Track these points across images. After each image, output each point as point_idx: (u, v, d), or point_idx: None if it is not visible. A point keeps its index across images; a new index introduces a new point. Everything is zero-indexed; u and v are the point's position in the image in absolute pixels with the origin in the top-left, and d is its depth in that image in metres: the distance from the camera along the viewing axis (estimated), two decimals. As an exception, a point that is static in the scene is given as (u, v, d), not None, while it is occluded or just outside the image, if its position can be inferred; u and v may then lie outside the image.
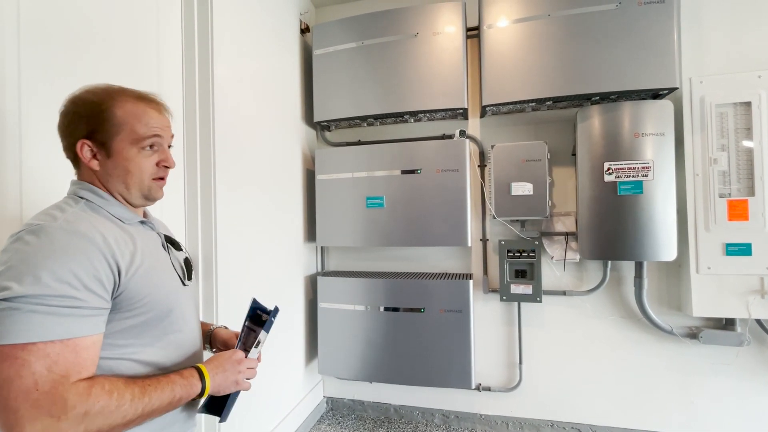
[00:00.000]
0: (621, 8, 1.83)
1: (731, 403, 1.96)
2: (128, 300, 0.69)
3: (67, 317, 0.60)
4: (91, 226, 0.66)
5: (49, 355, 0.58)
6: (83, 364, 0.61)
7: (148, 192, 0.79)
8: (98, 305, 0.64)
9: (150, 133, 0.75)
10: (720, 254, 1.80)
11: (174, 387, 0.70)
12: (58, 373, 0.58)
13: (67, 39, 1.12)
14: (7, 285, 0.57)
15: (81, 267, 0.62)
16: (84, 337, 0.62)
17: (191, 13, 1.56)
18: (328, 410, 2.53)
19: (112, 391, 0.62)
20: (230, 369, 0.81)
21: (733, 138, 1.80)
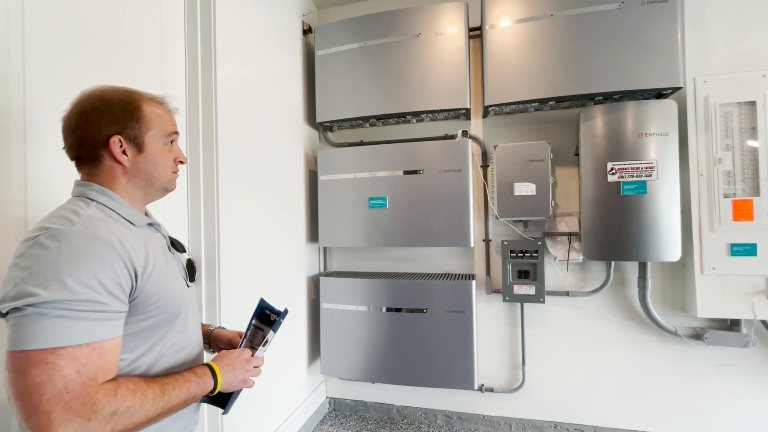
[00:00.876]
0: (624, 8, 1.82)
1: (736, 405, 1.94)
2: (143, 303, 0.70)
3: (93, 321, 0.61)
4: (108, 230, 0.67)
5: (78, 358, 0.59)
6: (108, 366, 0.63)
7: (168, 184, 0.84)
8: (119, 308, 0.66)
9: (172, 130, 0.83)
10: (725, 255, 1.79)
11: (190, 385, 0.73)
12: (87, 376, 0.60)
13: (71, 41, 1.13)
14: (34, 291, 0.58)
15: (103, 272, 0.63)
16: (108, 340, 0.64)
17: (194, 14, 1.57)
18: (330, 411, 2.53)
19: (135, 391, 0.64)
20: (239, 368, 0.84)
21: (738, 138, 1.79)
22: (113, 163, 0.75)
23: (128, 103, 0.76)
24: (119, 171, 0.76)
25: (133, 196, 0.79)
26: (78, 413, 0.57)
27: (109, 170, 0.76)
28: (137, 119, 0.76)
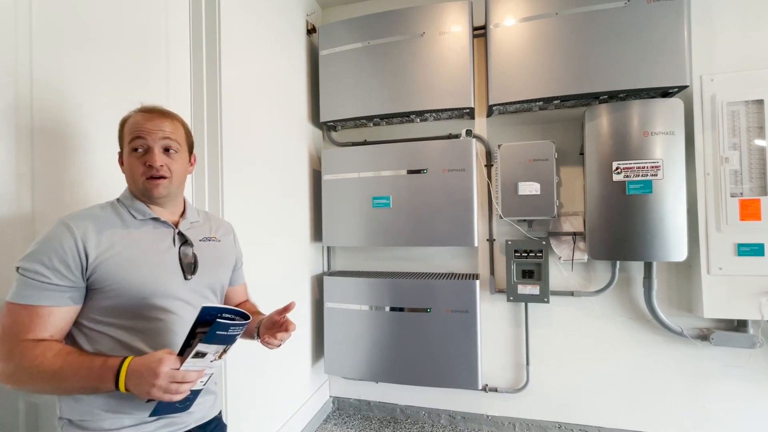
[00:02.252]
0: (630, 6, 1.81)
1: (743, 407, 1.92)
2: (100, 282, 0.79)
3: (34, 288, 0.75)
4: (82, 220, 0.81)
5: (14, 314, 0.75)
6: (34, 328, 0.75)
7: (144, 190, 0.87)
8: (59, 283, 0.76)
9: (132, 135, 0.85)
10: (731, 255, 1.77)
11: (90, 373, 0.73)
12: (14, 331, 0.74)
13: (77, 41, 1.13)
14: (21, 257, 0.77)
15: (53, 251, 0.76)
16: (42, 306, 0.75)
17: (199, 15, 1.57)
18: (334, 410, 2.53)
19: (40, 356, 0.73)
20: (147, 376, 0.69)
21: (745, 136, 1.77)
22: None
23: (120, 124, 0.89)
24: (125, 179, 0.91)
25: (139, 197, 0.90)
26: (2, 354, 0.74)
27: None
28: (120, 136, 0.89)
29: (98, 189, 1.18)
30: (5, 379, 0.74)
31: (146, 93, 1.35)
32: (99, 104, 1.19)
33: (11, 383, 0.74)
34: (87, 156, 1.15)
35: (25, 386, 0.76)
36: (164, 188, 0.87)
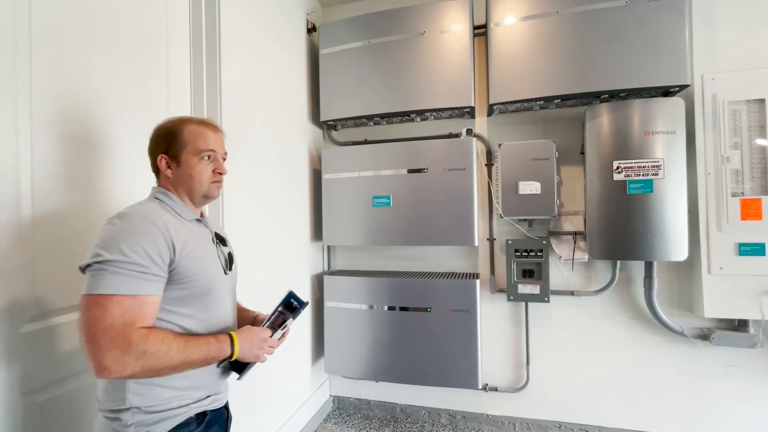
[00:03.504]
0: (631, 5, 1.80)
1: (743, 406, 1.92)
2: (179, 274, 0.88)
3: (137, 279, 0.80)
4: (158, 216, 0.88)
5: (122, 305, 0.78)
6: (145, 315, 0.81)
7: (207, 191, 1.00)
8: (158, 273, 0.83)
9: (207, 148, 0.97)
10: (732, 254, 1.77)
11: (209, 347, 0.88)
12: (128, 319, 0.78)
13: (78, 41, 1.13)
14: (100, 252, 0.79)
15: (147, 243, 0.82)
16: (147, 296, 0.82)
17: (199, 14, 1.57)
18: (334, 409, 2.53)
19: (164, 340, 0.81)
20: (255, 343, 0.97)
21: (746, 136, 1.77)
22: (164, 175, 0.98)
23: (171, 128, 0.96)
24: (168, 181, 0.98)
25: (184, 199, 0.99)
26: (118, 345, 0.76)
27: (164, 180, 0.98)
28: (175, 139, 0.95)
29: (101, 187, 1.18)
30: (122, 367, 0.76)
31: (146, 93, 1.35)
32: (99, 105, 1.19)
33: (131, 369, 0.77)
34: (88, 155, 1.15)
35: (150, 370, 0.79)
36: (220, 190, 1.04)
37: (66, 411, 1.08)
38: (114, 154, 1.24)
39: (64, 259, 1.08)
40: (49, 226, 1.05)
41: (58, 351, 1.07)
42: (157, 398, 0.85)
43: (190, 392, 0.91)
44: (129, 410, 0.83)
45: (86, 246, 1.13)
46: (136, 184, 1.30)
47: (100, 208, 1.19)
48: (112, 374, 0.76)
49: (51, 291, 1.05)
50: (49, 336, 1.05)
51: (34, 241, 1.01)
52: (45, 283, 1.04)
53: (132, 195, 1.29)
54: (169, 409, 0.87)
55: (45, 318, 1.04)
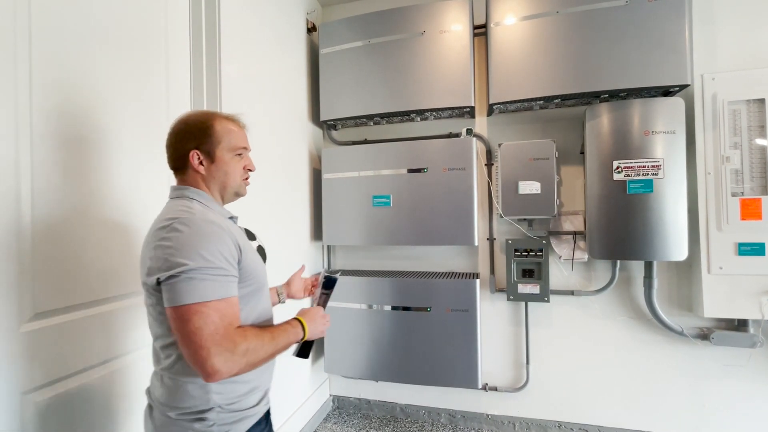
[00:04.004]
0: (631, 4, 1.80)
1: (743, 406, 1.92)
2: (244, 273, 0.89)
3: (223, 283, 0.81)
4: (215, 217, 0.87)
5: (219, 309, 0.79)
6: (237, 315, 0.83)
7: (239, 189, 1.00)
8: (234, 274, 0.85)
9: (240, 145, 0.97)
10: (732, 254, 1.77)
11: (288, 334, 0.94)
12: (227, 322, 0.80)
13: (77, 39, 1.13)
14: (183, 261, 0.77)
15: (222, 246, 0.83)
16: (233, 297, 0.84)
17: (199, 12, 1.57)
18: (334, 409, 2.53)
19: (257, 335, 0.84)
20: (319, 321, 1.05)
21: (746, 136, 1.77)
22: (194, 172, 0.94)
23: (203, 123, 0.93)
24: (199, 178, 0.95)
25: (215, 196, 0.97)
26: (225, 348, 0.77)
27: (193, 177, 0.95)
28: (209, 135, 0.93)
29: (101, 186, 1.18)
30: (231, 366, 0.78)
31: (146, 92, 1.35)
32: (98, 104, 1.19)
33: (239, 367, 0.79)
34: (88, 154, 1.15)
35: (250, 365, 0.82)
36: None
37: (66, 410, 1.08)
38: (114, 153, 1.24)
39: (64, 258, 1.08)
40: (48, 226, 1.04)
41: (57, 350, 1.07)
42: (234, 394, 0.89)
43: (257, 382, 0.95)
44: (212, 410, 0.85)
45: (86, 246, 1.13)
46: (135, 182, 1.30)
47: (101, 207, 1.18)
48: (223, 375, 0.77)
49: (50, 291, 1.05)
50: (49, 335, 1.04)
51: (33, 240, 1.01)
52: (44, 283, 1.04)
53: (132, 193, 1.29)
54: (246, 408, 0.91)
55: (45, 317, 1.04)
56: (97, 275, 1.17)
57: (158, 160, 1.39)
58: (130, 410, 1.28)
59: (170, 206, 0.90)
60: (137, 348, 1.31)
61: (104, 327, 1.20)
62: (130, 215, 1.28)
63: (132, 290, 1.30)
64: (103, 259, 1.19)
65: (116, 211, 1.24)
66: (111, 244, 1.22)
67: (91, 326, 1.16)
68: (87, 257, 1.15)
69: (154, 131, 1.38)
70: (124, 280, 1.26)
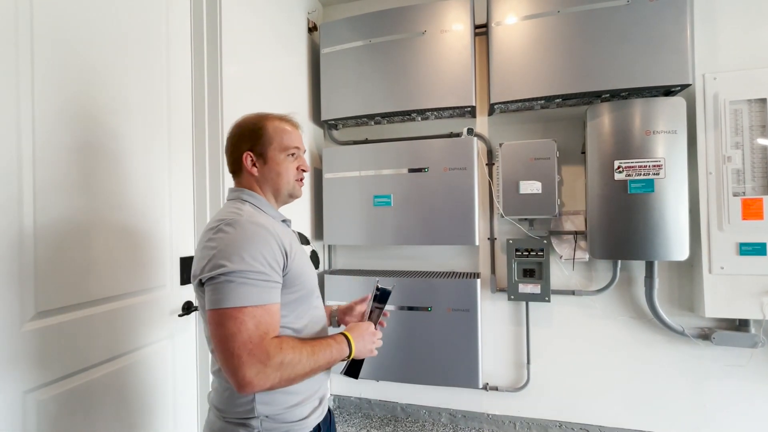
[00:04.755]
0: (632, 4, 1.80)
1: (744, 406, 1.92)
2: (291, 279, 0.86)
3: (263, 288, 0.78)
4: (264, 220, 0.86)
5: (255, 316, 0.76)
6: (275, 324, 0.79)
7: (293, 190, 0.98)
8: (277, 279, 0.82)
9: (292, 145, 0.96)
10: (734, 254, 1.77)
11: (332, 350, 0.87)
12: (263, 330, 0.76)
13: (79, 39, 1.13)
14: (223, 263, 0.76)
15: (266, 250, 0.80)
16: (273, 304, 0.80)
17: (200, 12, 1.57)
18: (334, 408, 2.54)
19: (295, 348, 0.79)
20: (368, 338, 0.98)
21: (748, 135, 1.76)
22: (249, 174, 0.94)
23: (255, 124, 0.94)
24: (253, 180, 0.95)
25: (268, 198, 0.96)
26: (258, 359, 0.73)
27: (248, 179, 0.95)
28: (261, 136, 0.93)
29: (102, 186, 1.18)
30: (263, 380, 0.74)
31: (147, 91, 1.35)
32: (99, 104, 1.19)
33: (271, 382, 0.75)
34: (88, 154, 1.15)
35: (286, 381, 0.78)
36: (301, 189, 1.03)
37: (68, 409, 1.09)
38: (114, 153, 1.24)
39: (66, 257, 1.08)
40: (50, 225, 1.05)
41: (59, 349, 1.07)
42: (283, 405, 0.85)
43: (308, 394, 0.90)
44: (257, 418, 0.83)
45: (88, 245, 1.13)
46: (135, 182, 1.31)
47: (101, 206, 1.19)
48: (255, 388, 0.74)
49: (52, 289, 1.06)
50: (51, 334, 1.05)
51: (35, 239, 1.01)
52: (46, 282, 1.04)
53: (133, 193, 1.29)
54: (295, 420, 0.86)
55: (47, 316, 1.04)
56: (99, 274, 1.18)
57: (159, 159, 1.40)
58: (133, 409, 1.29)
59: (223, 208, 0.91)
60: (140, 347, 1.32)
61: (107, 326, 1.20)
62: (131, 214, 1.28)
63: (134, 289, 1.30)
64: (105, 258, 1.20)
65: (118, 211, 1.24)
66: (113, 244, 1.22)
67: (93, 325, 1.16)
68: (89, 256, 1.15)
69: (154, 131, 1.38)
70: (126, 279, 1.27)
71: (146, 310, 1.34)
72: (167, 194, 1.43)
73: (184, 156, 1.52)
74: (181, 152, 1.50)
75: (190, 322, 1.54)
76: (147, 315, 1.34)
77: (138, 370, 1.31)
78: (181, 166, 1.49)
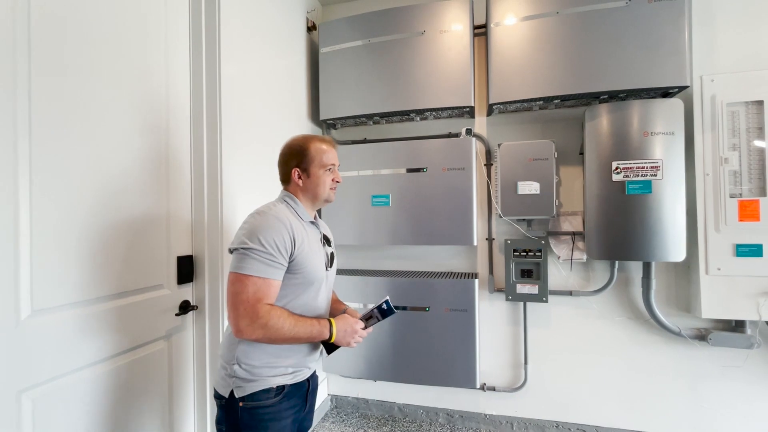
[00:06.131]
0: (631, 5, 1.81)
1: (740, 407, 1.93)
2: (296, 265, 1.08)
3: (267, 265, 1.02)
4: (285, 216, 1.09)
5: (255, 284, 1.01)
6: (270, 295, 1.03)
7: (328, 197, 1.22)
8: (282, 262, 1.05)
9: (329, 162, 1.20)
10: (730, 255, 1.77)
11: (312, 329, 1.09)
12: (259, 296, 1.01)
13: (77, 39, 1.13)
14: (245, 241, 1.02)
15: (278, 238, 1.04)
16: (273, 280, 1.04)
17: (199, 11, 1.57)
18: (332, 408, 2.53)
19: (281, 316, 1.03)
20: (350, 332, 1.16)
21: (745, 137, 1.77)
22: (295, 185, 1.20)
23: (301, 146, 1.19)
24: (298, 189, 1.20)
25: (306, 203, 1.21)
26: (249, 315, 1.00)
27: (294, 187, 1.21)
28: (305, 156, 1.18)
29: (98, 183, 1.18)
30: (251, 332, 1.00)
31: (145, 90, 1.35)
32: (97, 103, 1.19)
33: (256, 335, 1.00)
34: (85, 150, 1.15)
35: (268, 339, 1.02)
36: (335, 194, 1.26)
37: (63, 408, 1.08)
38: (110, 150, 1.23)
39: (62, 256, 1.08)
40: (47, 223, 1.04)
41: (55, 348, 1.06)
42: (256, 359, 1.06)
43: (280, 360, 1.09)
44: (234, 364, 1.06)
45: (85, 243, 1.13)
46: (133, 181, 1.30)
47: (96, 203, 1.18)
48: (245, 336, 1.01)
49: (48, 288, 1.05)
50: (46, 333, 1.04)
51: (31, 237, 1.01)
52: (42, 280, 1.03)
53: (131, 192, 1.28)
54: (261, 376, 1.06)
55: (43, 314, 1.04)
56: (96, 273, 1.17)
57: (156, 158, 1.39)
58: (129, 408, 1.28)
59: (269, 202, 1.16)
60: (137, 346, 1.31)
61: (103, 325, 1.20)
62: (129, 214, 1.28)
63: (131, 288, 1.29)
64: (103, 256, 1.19)
65: (115, 210, 1.23)
66: (111, 243, 1.21)
67: (89, 324, 1.15)
68: (86, 254, 1.14)
69: (152, 130, 1.38)
70: (123, 278, 1.26)
71: (143, 309, 1.34)
72: (165, 194, 1.42)
73: (182, 155, 1.51)
74: (179, 151, 1.49)
75: (188, 321, 1.54)
76: (144, 314, 1.34)
77: (135, 369, 1.30)
78: (178, 164, 1.49)
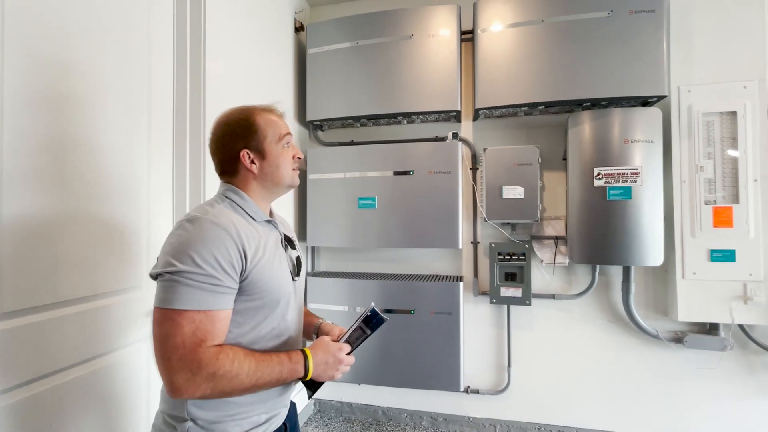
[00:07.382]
0: (612, 16, 1.86)
1: (714, 407, 1.99)
2: (249, 285, 0.80)
3: (209, 292, 0.74)
4: (229, 221, 0.80)
5: (194, 321, 0.72)
6: (216, 333, 0.75)
7: (291, 181, 0.95)
8: (230, 285, 0.77)
9: (284, 132, 0.92)
10: (705, 260, 1.83)
11: (282, 368, 0.81)
12: (200, 337, 0.73)
13: (57, 34, 1.09)
14: (172, 262, 0.73)
15: (219, 252, 0.75)
16: (219, 311, 0.76)
17: (184, 8, 1.54)
18: (315, 412, 2.50)
19: (235, 360, 0.75)
20: (331, 363, 0.89)
21: (719, 146, 1.84)
22: (246, 172, 0.89)
23: (245, 120, 0.89)
24: (251, 177, 0.90)
25: (261, 195, 0.92)
26: (188, 367, 0.71)
27: (243, 177, 0.90)
28: (254, 131, 0.88)
29: (77, 183, 1.14)
30: (193, 389, 0.72)
31: (127, 88, 1.32)
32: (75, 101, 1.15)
33: (201, 392, 0.72)
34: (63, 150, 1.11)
35: (221, 392, 0.74)
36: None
37: (39, 412, 1.04)
38: (89, 150, 1.20)
39: (33, 255, 1.04)
40: (17, 221, 1.00)
41: (29, 351, 1.02)
42: (217, 413, 0.80)
43: (248, 407, 0.83)
44: (186, 422, 0.78)
45: (58, 244, 1.09)
46: (111, 179, 1.26)
47: (76, 203, 1.14)
48: (184, 395, 0.72)
49: (19, 289, 1.01)
50: (19, 336, 1.00)
51: (1, 238, 0.97)
52: (12, 281, 0.99)
53: (108, 191, 1.25)
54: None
55: (15, 317, 0.99)
56: (70, 273, 1.13)
57: (136, 157, 1.36)
58: (104, 414, 1.24)
59: (203, 202, 0.87)
60: (113, 349, 1.27)
61: (78, 328, 1.15)
62: (105, 213, 1.24)
63: (108, 290, 1.25)
64: (78, 256, 1.15)
65: (90, 209, 1.20)
66: (84, 243, 1.18)
67: (63, 327, 1.11)
68: (60, 254, 1.10)
69: (133, 127, 1.34)
70: (99, 279, 1.22)
71: (120, 312, 1.30)
72: (145, 192, 1.39)
73: (164, 153, 1.48)
74: (161, 149, 1.46)
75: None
76: (121, 316, 1.30)
77: (111, 373, 1.26)
78: (160, 162, 1.46)
